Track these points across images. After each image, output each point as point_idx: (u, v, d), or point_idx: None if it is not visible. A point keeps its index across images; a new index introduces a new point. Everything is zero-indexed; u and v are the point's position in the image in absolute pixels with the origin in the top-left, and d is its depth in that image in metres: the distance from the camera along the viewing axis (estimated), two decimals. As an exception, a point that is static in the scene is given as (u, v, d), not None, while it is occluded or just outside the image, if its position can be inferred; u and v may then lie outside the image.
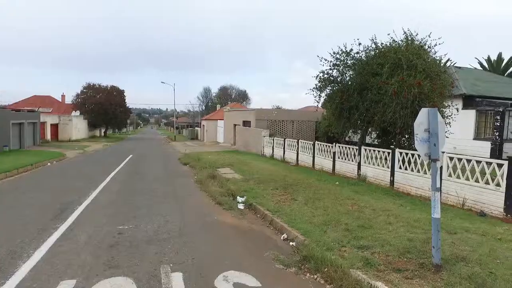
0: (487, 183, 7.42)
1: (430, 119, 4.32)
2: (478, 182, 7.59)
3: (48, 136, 33.58)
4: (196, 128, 57.00)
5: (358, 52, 13.47)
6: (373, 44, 13.31)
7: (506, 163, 6.97)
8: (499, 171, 7.08)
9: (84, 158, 20.75)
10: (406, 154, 9.82)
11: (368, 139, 16.21)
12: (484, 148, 15.69)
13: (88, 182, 11.31)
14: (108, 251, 5.20)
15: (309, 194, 8.75)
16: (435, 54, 12.63)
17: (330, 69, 13.72)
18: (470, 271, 4.02)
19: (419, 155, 8.69)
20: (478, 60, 31.45)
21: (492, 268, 4.15)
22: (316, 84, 13.96)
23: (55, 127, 35.85)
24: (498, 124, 15.52)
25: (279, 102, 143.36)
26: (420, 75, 11.22)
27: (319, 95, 14.05)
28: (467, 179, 7.86)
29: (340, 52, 13.51)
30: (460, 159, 8.11)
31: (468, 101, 16.96)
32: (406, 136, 12.98)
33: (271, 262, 4.92)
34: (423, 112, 4.40)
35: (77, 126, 39.49)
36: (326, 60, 13.65)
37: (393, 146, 10.86)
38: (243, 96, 77.39)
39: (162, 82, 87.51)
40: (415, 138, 4.47)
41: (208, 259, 4.95)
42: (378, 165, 10.94)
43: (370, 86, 12.43)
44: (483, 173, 7.50)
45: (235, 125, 29.50)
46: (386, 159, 10.65)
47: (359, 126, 14.43)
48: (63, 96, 48.15)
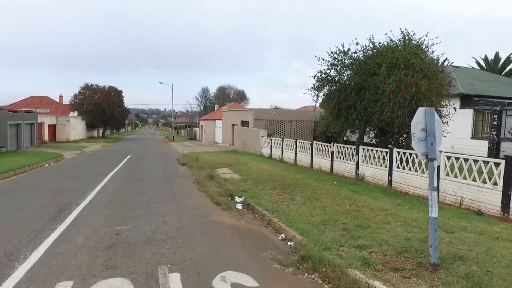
0: (484, 182, 7.44)
1: (427, 119, 4.32)
2: (476, 181, 7.61)
3: (46, 137, 33.45)
4: (194, 128, 56.91)
5: (356, 52, 13.51)
6: (370, 43, 13.36)
7: (503, 162, 7.00)
8: (496, 170, 7.10)
9: (82, 158, 20.68)
10: (404, 153, 9.83)
11: (366, 139, 16.25)
12: (482, 147, 15.77)
13: (85, 183, 11.28)
14: (106, 252, 5.18)
15: (307, 194, 8.75)
16: (432, 53, 12.70)
17: (328, 68, 13.76)
18: (467, 270, 4.03)
19: (416, 155, 8.68)
20: (476, 59, 31.58)
21: (489, 267, 4.16)
22: (314, 84, 14.02)
23: (53, 127, 35.72)
24: (496, 123, 15.60)
25: (277, 102, 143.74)
26: (418, 75, 11.26)
27: (317, 94, 14.10)
28: (465, 178, 7.88)
29: (338, 52, 13.54)
30: (457, 158, 8.13)
31: (466, 100, 17.04)
32: (404, 135, 13.02)
33: (269, 262, 4.92)
34: (420, 112, 4.41)
35: (75, 127, 39.36)
36: (324, 60, 13.69)
37: (391, 146, 10.88)
38: (241, 96, 77.40)
39: (160, 83, 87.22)
40: (412, 137, 4.47)
41: (206, 260, 4.94)
42: (376, 164, 10.95)
43: (368, 85, 12.45)
44: (480, 172, 7.52)
45: (233, 125, 29.47)
46: (384, 158, 10.66)
47: (357, 126, 14.47)
48: (61, 96, 47.93)
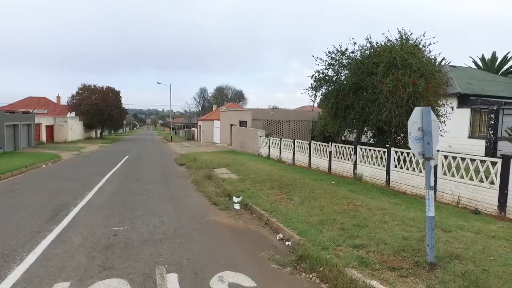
0: (481, 181, 7.46)
1: (424, 118, 4.33)
2: (473, 180, 7.64)
3: (44, 137, 33.32)
4: (192, 128, 56.84)
5: (353, 52, 13.49)
6: (368, 43, 13.34)
7: (499, 161, 7.02)
8: (493, 169, 7.12)
9: (79, 159, 20.62)
10: (402, 153, 9.85)
11: (363, 138, 16.27)
12: (479, 146, 15.82)
13: (83, 184, 11.25)
14: (103, 252, 5.17)
15: (305, 193, 8.76)
16: (429, 53, 12.69)
17: (326, 68, 13.73)
18: (464, 269, 4.04)
19: (414, 154, 8.72)
20: (473, 59, 31.66)
21: (486, 265, 4.18)
22: (311, 84, 13.97)
23: (50, 128, 35.60)
24: (492, 122, 15.65)
25: (275, 102, 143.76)
26: (415, 74, 11.26)
27: (315, 94, 14.06)
28: (462, 177, 7.90)
29: (335, 52, 13.53)
30: (454, 158, 8.15)
31: (463, 99, 17.09)
32: (402, 135, 13.02)
33: (266, 262, 4.92)
34: (417, 111, 4.41)
35: (72, 128, 39.24)
36: (322, 59, 13.66)
37: (388, 145, 10.90)
38: (239, 96, 77.41)
39: (158, 83, 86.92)
40: (409, 136, 4.48)
41: (203, 260, 4.94)
42: (374, 164, 10.97)
43: (366, 85, 12.45)
44: (477, 171, 7.54)
45: (231, 125, 29.46)
46: (381, 158, 10.68)
47: (355, 126, 14.46)
48: (58, 97, 47.81)
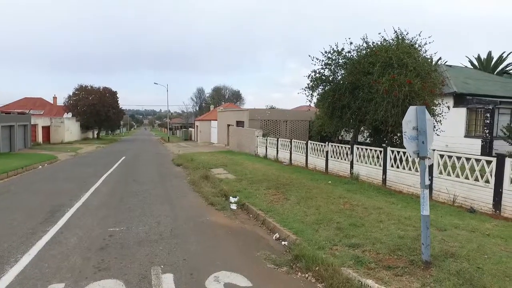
0: (476, 180, 7.50)
1: (418, 117, 4.34)
2: (468, 179, 7.68)
3: (40, 138, 33.15)
4: (190, 129, 56.77)
5: (349, 51, 13.55)
6: (364, 43, 13.40)
7: (494, 160, 7.07)
8: (488, 168, 7.16)
9: (76, 160, 20.54)
10: (398, 152, 9.88)
11: (360, 138, 16.32)
12: (475, 145, 15.90)
13: (80, 185, 11.20)
14: (99, 253, 5.15)
15: (301, 193, 8.77)
16: (425, 52, 12.77)
17: (322, 68, 13.79)
18: (459, 267, 4.06)
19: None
20: (469, 58, 31.83)
21: (480, 263, 4.20)
22: (308, 84, 14.03)
23: (46, 129, 35.41)
24: (488, 121, 15.74)
25: (273, 102, 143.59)
26: (411, 74, 11.31)
27: (311, 94, 14.12)
28: (458, 176, 7.94)
29: (332, 52, 13.58)
30: (450, 157, 8.19)
31: (459, 99, 17.17)
32: (398, 134, 13.07)
33: (262, 262, 4.92)
34: (411, 110, 4.42)
35: (69, 128, 39.05)
36: (318, 59, 13.71)
37: (385, 145, 10.93)
38: (236, 96, 77.33)
39: (155, 83, 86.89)
40: (403, 136, 4.49)
41: (199, 260, 4.93)
42: (371, 163, 11.00)
43: (362, 85, 12.50)
44: (472, 170, 7.58)
45: (228, 125, 29.43)
46: (378, 157, 10.70)
47: (352, 125, 14.51)
48: (54, 98, 47.52)
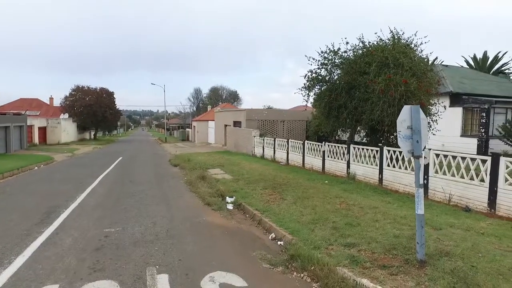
0: (472, 179, 7.53)
1: (413, 116, 4.35)
2: (463, 178, 7.71)
3: (36, 139, 32.96)
4: (187, 129, 56.64)
5: (346, 51, 13.55)
6: (360, 43, 13.41)
7: (489, 159, 7.10)
8: (483, 167, 7.20)
9: (73, 161, 20.45)
10: (394, 151, 9.90)
11: (357, 138, 16.34)
12: (471, 144, 15.98)
13: (76, 185, 11.16)
14: (94, 254, 5.13)
15: (298, 193, 8.77)
16: (421, 52, 12.79)
17: (319, 68, 13.77)
18: (453, 266, 4.08)
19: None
20: (465, 58, 32.12)
21: (474, 262, 4.22)
22: (304, 84, 14.01)
23: (43, 130, 35.22)
24: (484, 121, 15.82)
25: (270, 102, 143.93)
26: (407, 74, 11.33)
27: (308, 94, 14.10)
28: (453, 175, 7.97)
29: (328, 51, 13.58)
30: (446, 156, 8.22)
31: (455, 98, 17.25)
32: (394, 134, 13.09)
33: (258, 261, 4.92)
34: (406, 110, 4.43)
35: (66, 129, 38.85)
36: (314, 59, 13.70)
37: (381, 144, 10.95)
38: (234, 97, 77.28)
39: (152, 84, 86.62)
40: (398, 135, 4.50)
41: (195, 260, 4.92)
42: (367, 163, 11.02)
43: (358, 84, 12.52)
44: (468, 169, 7.61)
45: (225, 125, 29.41)
46: (374, 157, 10.73)
47: (348, 125, 14.52)
48: (51, 98, 47.28)
